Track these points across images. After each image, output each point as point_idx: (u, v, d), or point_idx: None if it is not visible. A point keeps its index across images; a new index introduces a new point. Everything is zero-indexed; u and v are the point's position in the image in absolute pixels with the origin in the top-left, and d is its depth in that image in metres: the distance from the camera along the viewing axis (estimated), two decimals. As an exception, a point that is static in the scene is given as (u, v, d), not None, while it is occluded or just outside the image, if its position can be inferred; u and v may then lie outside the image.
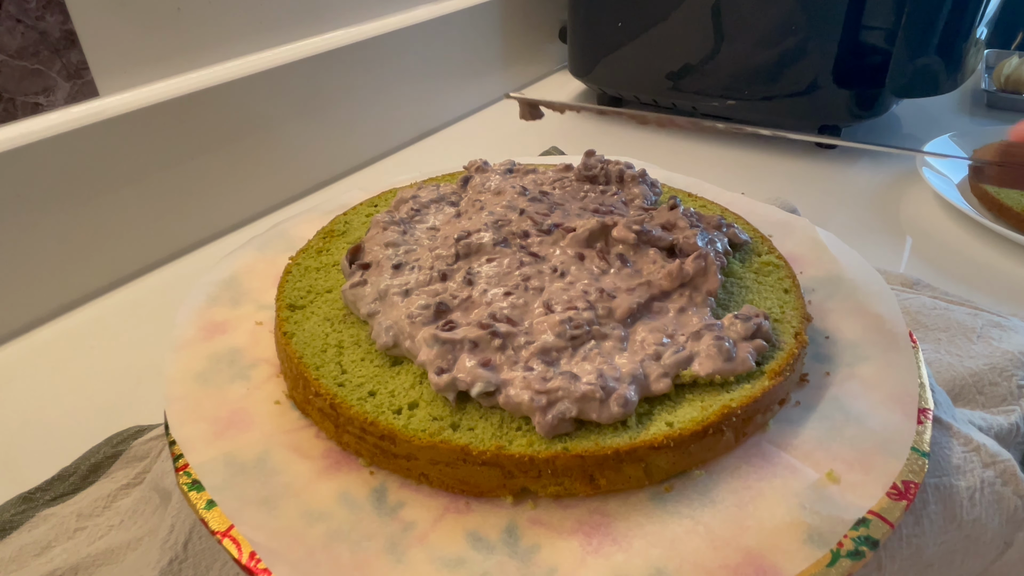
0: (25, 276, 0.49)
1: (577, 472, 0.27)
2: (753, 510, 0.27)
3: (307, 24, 0.67)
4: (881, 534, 0.26)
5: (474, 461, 0.27)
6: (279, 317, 0.35)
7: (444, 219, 0.41)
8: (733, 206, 0.47)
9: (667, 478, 0.28)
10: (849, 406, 0.31)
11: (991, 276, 0.54)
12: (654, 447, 0.27)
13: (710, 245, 0.37)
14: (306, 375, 0.31)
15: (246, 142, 0.62)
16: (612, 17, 0.79)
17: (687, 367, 0.31)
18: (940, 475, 0.30)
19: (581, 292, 0.34)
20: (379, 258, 0.37)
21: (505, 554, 0.26)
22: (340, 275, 0.38)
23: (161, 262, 0.58)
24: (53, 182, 0.49)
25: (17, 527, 0.35)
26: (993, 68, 0.92)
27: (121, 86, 0.54)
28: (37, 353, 0.48)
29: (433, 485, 0.28)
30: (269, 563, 0.25)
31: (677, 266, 0.34)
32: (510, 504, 0.28)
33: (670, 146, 0.79)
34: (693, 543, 0.26)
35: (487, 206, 0.41)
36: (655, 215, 0.40)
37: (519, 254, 0.36)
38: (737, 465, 0.29)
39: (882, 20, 0.67)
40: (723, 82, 0.75)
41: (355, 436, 0.29)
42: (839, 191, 0.68)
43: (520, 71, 0.98)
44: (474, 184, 0.44)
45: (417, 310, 0.32)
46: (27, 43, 0.47)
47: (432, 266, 0.35)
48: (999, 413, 0.37)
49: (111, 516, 0.35)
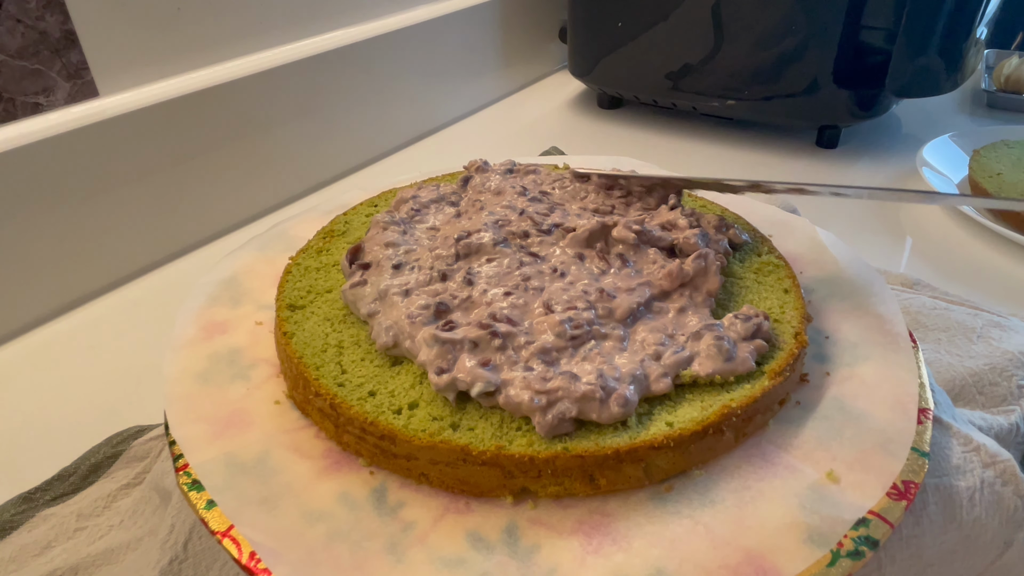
0: (25, 276, 0.49)
1: (577, 472, 0.27)
2: (753, 510, 0.27)
3: (307, 24, 0.67)
4: (881, 534, 0.26)
5: (474, 461, 0.27)
6: (279, 317, 0.35)
7: (444, 219, 0.41)
8: (733, 206, 0.47)
9: (667, 478, 0.28)
10: (849, 406, 0.31)
11: (991, 276, 0.54)
12: (654, 447, 0.27)
13: (710, 245, 0.37)
14: (306, 375, 0.31)
15: (246, 142, 0.62)
16: (612, 17, 0.79)
17: (687, 367, 0.31)
18: (940, 475, 0.30)
19: (581, 292, 0.34)
20: (379, 258, 0.37)
21: (505, 554, 0.26)
22: (340, 275, 0.38)
23: (161, 262, 0.58)
24: (53, 182, 0.49)
25: (17, 527, 0.35)
26: (993, 68, 0.92)
27: (121, 86, 0.54)
28: (37, 353, 0.48)
29: (433, 485, 0.28)
30: (269, 563, 0.25)
31: (677, 266, 0.34)
32: (510, 504, 0.28)
33: (670, 146, 0.79)
34: (693, 543, 0.26)
35: (487, 206, 0.41)
36: (655, 215, 0.40)
37: (519, 254, 0.36)
38: (737, 465, 0.29)
39: (882, 20, 0.67)
40: (723, 82, 0.75)
41: (355, 436, 0.29)
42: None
43: (520, 71, 0.98)
44: (474, 184, 0.44)
45: (417, 310, 0.32)
46: (27, 43, 0.47)
47: (432, 266, 0.35)
48: (999, 413, 0.37)
49: (111, 516, 0.35)
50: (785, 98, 0.73)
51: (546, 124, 0.87)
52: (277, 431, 0.31)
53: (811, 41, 0.69)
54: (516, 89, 0.98)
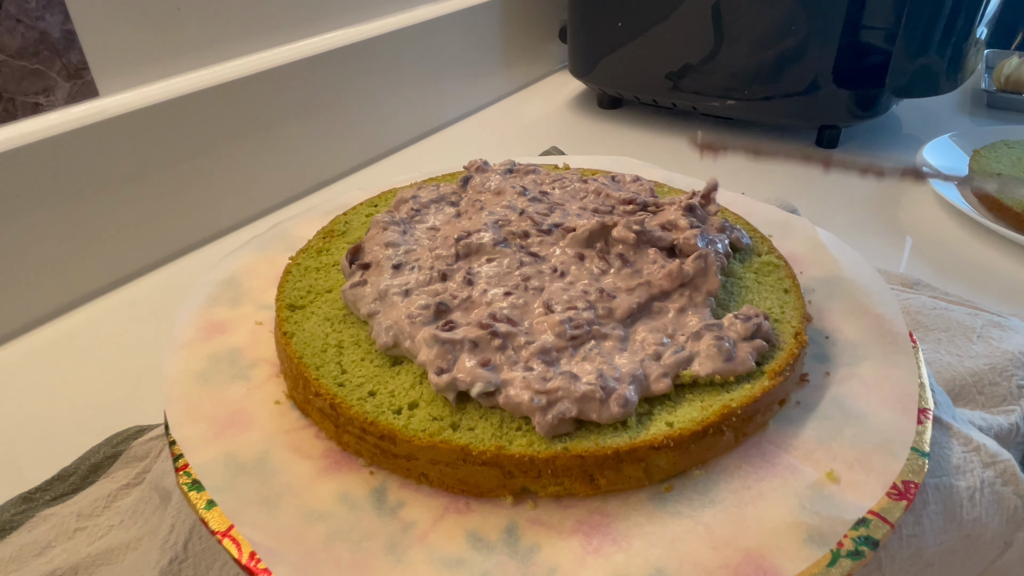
0: (25, 276, 0.49)
1: (577, 472, 0.27)
2: (753, 510, 0.27)
3: (307, 24, 0.67)
4: (881, 534, 0.26)
5: (474, 461, 0.27)
6: (279, 317, 0.35)
7: (444, 219, 0.41)
8: (733, 206, 0.47)
9: (667, 478, 0.28)
10: (849, 406, 0.31)
11: (991, 276, 0.54)
12: (654, 447, 0.27)
13: (710, 245, 0.37)
14: (306, 375, 0.31)
15: (246, 142, 0.62)
16: (612, 17, 0.79)
17: (687, 367, 0.30)
18: (940, 475, 0.30)
19: (581, 292, 0.34)
20: (379, 258, 0.37)
21: (505, 554, 0.26)
22: (340, 275, 0.38)
23: (161, 262, 0.58)
24: (53, 182, 0.49)
25: (17, 527, 0.35)
26: (993, 68, 0.92)
27: (121, 86, 0.54)
28: (37, 353, 0.48)
29: (433, 485, 0.28)
30: (269, 563, 0.25)
31: (677, 266, 0.34)
32: (510, 504, 0.28)
33: (670, 146, 0.79)
34: (693, 543, 0.26)
35: (487, 206, 0.41)
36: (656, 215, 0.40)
37: (519, 254, 0.36)
38: (737, 465, 0.29)
39: (882, 20, 0.67)
40: (723, 82, 0.75)
41: (355, 436, 0.29)
42: (839, 191, 0.68)
43: (520, 71, 0.98)
44: (474, 184, 0.44)
45: (417, 310, 0.32)
46: (27, 43, 0.47)
47: (432, 266, 0.35)
48: (999, 413, 0.37)
49: (111, 516, 0.35)
50: (785, 98, 0.73)
51: (546, 124, 0.87)
52: (277, 431, 0.31)
53: (811, 41, 0.69)
54: (516, 89, 0.98)
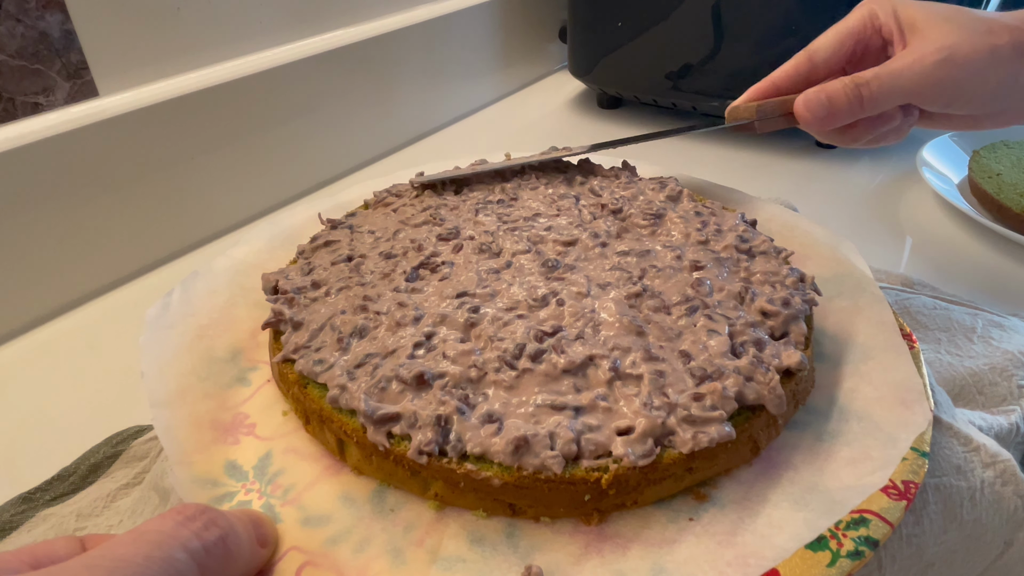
0: (25, 276, 0.49)
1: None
2: (753, 510, 0.27)
3: (307, 24, 0.67)
4: (881, 534, 0.26)
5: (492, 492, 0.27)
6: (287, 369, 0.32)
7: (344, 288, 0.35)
8: (738, 208, 0.47)
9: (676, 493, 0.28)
10: (849, 406, 0.31)
11: (991, 276, 0.54)
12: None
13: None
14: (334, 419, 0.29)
15: (246, 142, 0.62)
16: (612, 17, 0.79)
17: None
18: (940, 475, 0.30)
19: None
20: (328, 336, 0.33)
21: (505, 554, 0.26)
22: None
23: (161, 262, 0.58)
24: (53, 182, 0.49)
25: (17, 527, 0.35)
26: (993, 68, 0.91)
27: (121, 86, 0.54)
28: (37, 353, 0.48)
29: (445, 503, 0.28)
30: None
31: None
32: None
33: (670, 146, 0.79)
34: (693, 544, 0.26)
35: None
36: (719, 239, 0.38)
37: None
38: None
39: (882, 20, 0.67)
40: (723, 82, 0.75)
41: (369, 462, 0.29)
42: (839, 191, 0.68)
43: (520, 71, 0.98)
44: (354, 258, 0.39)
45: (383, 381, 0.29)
46: (27, 43, 0.47)
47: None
48: (999, 413, 0.37)
49: (111, 516, 0.35)
50: (785, 98, 0.73)
51: (546, 124, 0.87)
52: (277, 433, 0.31)
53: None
54: (516, 89, 0.98)
